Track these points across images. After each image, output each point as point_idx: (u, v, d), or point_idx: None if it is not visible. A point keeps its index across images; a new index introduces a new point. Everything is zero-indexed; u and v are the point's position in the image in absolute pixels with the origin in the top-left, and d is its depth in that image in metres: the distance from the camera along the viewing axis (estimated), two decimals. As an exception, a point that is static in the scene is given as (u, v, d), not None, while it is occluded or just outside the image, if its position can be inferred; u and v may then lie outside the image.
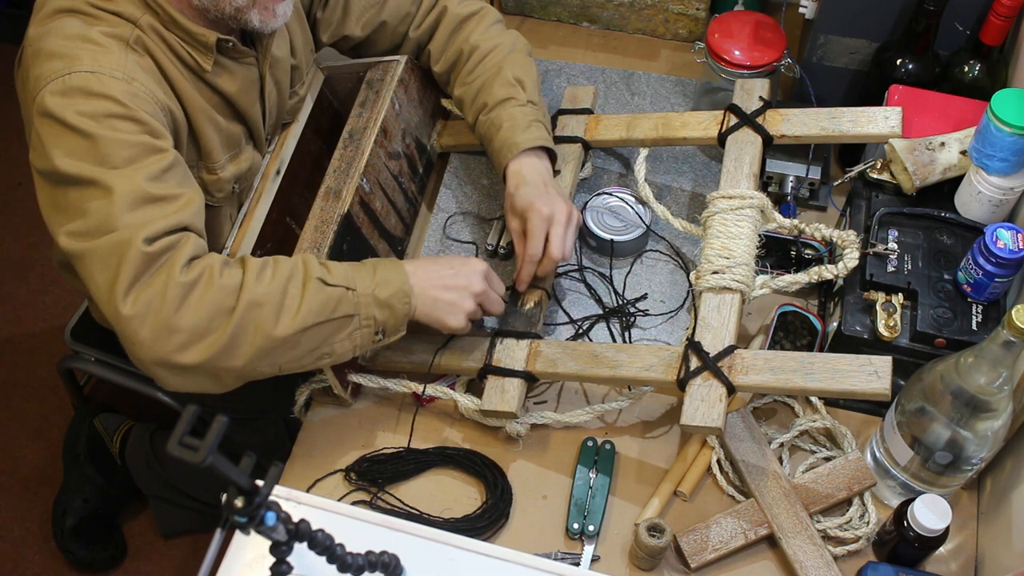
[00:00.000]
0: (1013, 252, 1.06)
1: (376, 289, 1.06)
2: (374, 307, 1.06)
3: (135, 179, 0.97)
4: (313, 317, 1.02)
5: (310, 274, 1.03)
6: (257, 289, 0.99)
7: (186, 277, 0.97)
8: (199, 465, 0.61)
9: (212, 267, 0.99)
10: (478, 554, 0.82)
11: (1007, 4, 1.19)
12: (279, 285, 1.01)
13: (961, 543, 1.13)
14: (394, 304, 1.08)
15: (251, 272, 1.01)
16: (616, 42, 1.65)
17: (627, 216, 1.34)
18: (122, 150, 0.98)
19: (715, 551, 1.10)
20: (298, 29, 1.29)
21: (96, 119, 0.98)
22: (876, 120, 1.21)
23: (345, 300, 1.04)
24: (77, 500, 1.83)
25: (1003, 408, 1.00)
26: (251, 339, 0.99)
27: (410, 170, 1.39)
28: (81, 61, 0.99)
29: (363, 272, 1.07)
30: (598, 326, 1.28)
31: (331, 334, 1.04)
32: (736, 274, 1.13)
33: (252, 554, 0.82)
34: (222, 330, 0.98)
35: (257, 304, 0.99)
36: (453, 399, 1.20)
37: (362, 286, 1.06)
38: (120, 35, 1.03)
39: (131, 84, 1.01)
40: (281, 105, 1.29)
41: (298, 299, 1.01)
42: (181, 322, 0.96)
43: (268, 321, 0.99)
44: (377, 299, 1.06)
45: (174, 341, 0.96)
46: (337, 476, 1.21)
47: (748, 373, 1.05)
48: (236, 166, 1.20)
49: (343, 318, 1.04)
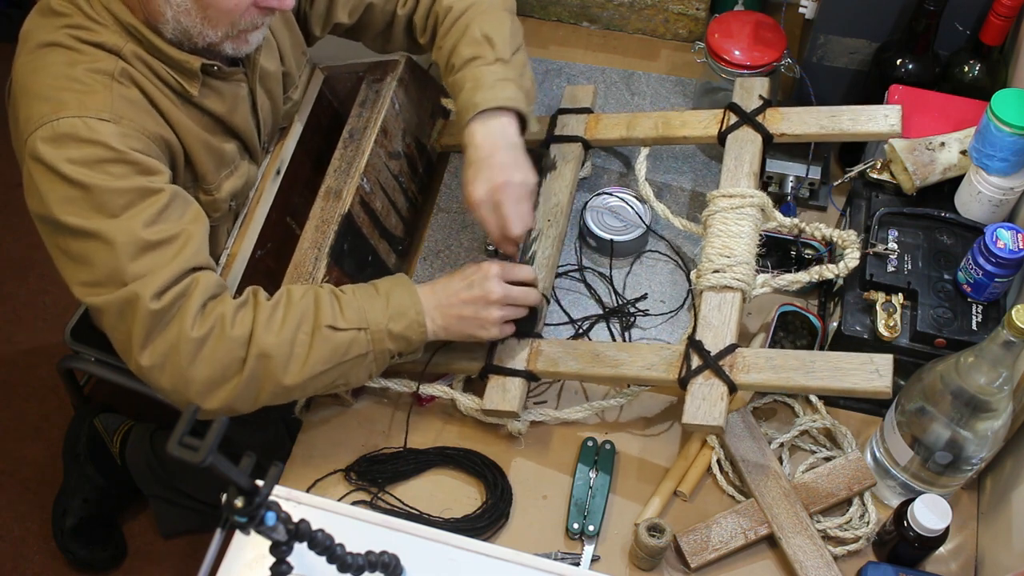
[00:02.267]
0: (1013, 252, 1.06)
1: (390, 323, 1.07)
2: (388, 341, 1.07)
3: (134, 228, 0.98)
4: (323, 365, 1.04)
5: (320, 321, 1.04)
6: (266, 339, 1.01)
7: (198, 332, 0.99)
8: (199, 465, 0.61)
9: (224, 317, 1.01)
10: (478, 554, 0.82)
11: (1007, 4, 1.19)
12: (288, 335, 1.02)
13: (961, 543, 1.13)
14: (409, 336, 1.08)
15: (261, 318, 1.02)
16: (616, 42, 1.65)
17: (627, 216, 1.34)
18: (118, 198, 0.99)
19: (715, 551, 1.10)
20: (285, 34, 1.27)
21: (89, 166, 0.99)
22: (876, 118, 1.21)
23: (357, 342, 1.05)
24: (77, 500, 1.83)
25: (1003, 408, 1.00)
26: (263, 387, 1.03)
27: (410, 170, 1.39)
28: (68, 106, 1.00)
29: (377, 304, 1.07)
30: (598, 326, 1.28)
31: (347, 372, 1.07)
32: (737, 272, 1.13)
33: (252, 554, 0.82)
34: (236, 380, 1.02)
35: (266, 356, 1.01)
36: (453, 398, 1.20)
37: (375, 322, 1.06)
38: (104, 70, 1.03)
39: (119, 124, 1.01)
40: (275, 114, 1.28)
41: (307, 348, 1.03)
42: (196, 375, 1.00)
43: (278, 371, 1.02)
44: (391, 333, 1.07)
45: (193, 390, 1.01)
46: (337, 476, 1.21)
47: (749, 371, 1.05)
48: (232, 184, 1.19)
49: (357, 358, 1.06)
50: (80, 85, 1.01)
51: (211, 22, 1.05)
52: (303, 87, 1.35)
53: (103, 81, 1.02)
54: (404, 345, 1.09)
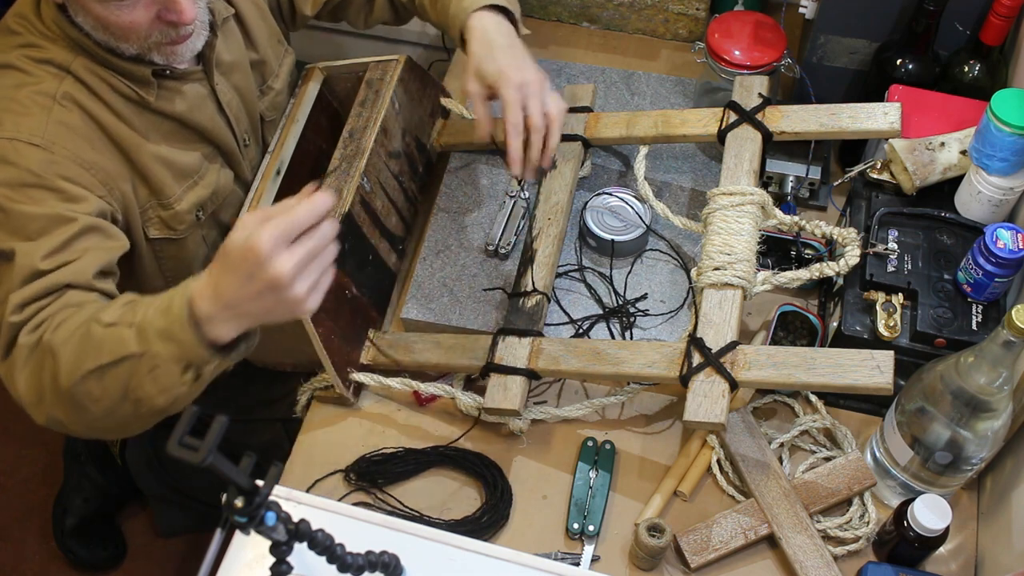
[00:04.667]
0: (1013, 252, 1.06)
1: (156, 319, 0.92)
2: (157, 341, 0.92)
3: (35, 255, 0.99)
4: (91, 361, 0.93)
5: (94, 317, 0.96)
6: (58, 341, 0.95)
7: (26, 340, 0.98)
8: (199, 465, 0.61)
9: (51, 321, 0.97)
10: (478, 554, 0.82)
11: (1007, 4, 1.19)
12: (73, 333, 0.95)
13: (961, 543, 1.14)
14: (176, 334, 0.90)
15: (69, 320, 0.97)
16: (616, 42, 1.65)
17: (627, 216, 1.34)
18: (32, 223, 1.00)
19: (715, 551, 1.10)
20: (259, 22, 1.27)
21: (11, 188, 1.00)
22: (875, 116, 1.21)
23: (124, 339, 0.93)
24: (77, 500, 1.83)
25: (1003, 408, 1.00)
26: (53, 390, 0.96)
27: (410, 169, 1.39)
28: (3, 126, 1.02)
29: (156, 301, 0.94)
30: (598, 326, 1.28)
31: (126, 378, 0.94)
32: (737, 270, 1.13)
33: (252, 554, 0.82)
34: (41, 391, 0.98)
35: (51, 353, 0.95)
36: (454, 397, 1.20)
37: (143, 318, 0.93)
38: (47, 92, 1.04)
39: (50, 150, 1.02)
40: (250, 108, 1.27)
41: (76, 347, 0.95)
42: (20, 387, 0.99)
43: (56, 371, 0.95)
44: (157, 331, 0.91)
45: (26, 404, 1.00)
46: (337, 476, 1.20)
47: (750, 369, 1.05)
48: (196, 195, 1.18)
49: (128, 358, 0.93)
50: (19, 107, 1.03)
51: (121, 39, 1.05)
52: (285, 77, 1.35)
53: (43, 103, 1.04)
54: (177, 349, 0.91)
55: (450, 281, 1.31)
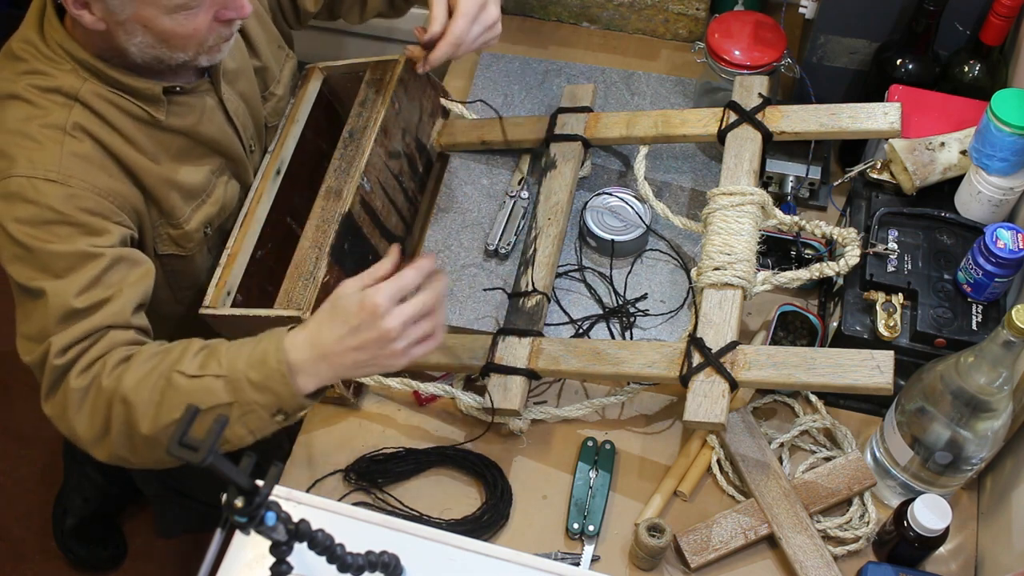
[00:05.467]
0: (1013, 252, 1.06)
1: (249, 371, 0.97)
2: (250, 391, 0.97)
3: (68, 293, 1.00)
4: (175, 412, 0.97)
5: (172, 367, 0.99)
6: (127, 385, 0.98)
7: (79, 383, 1.00)
8: (199, 465, 0.61)
9: (105, 366, 1.00)
10: (478, 554, 0.82)
11: (1007, 4, 1.19)
12: (148, 382, 0.99)
13: (961, 543, 1.14)
14: (272, 387, 0.97)
15: (134, 365, 1.00)
16: (616, 42, 1.65)
17: (627, 216, 1.34)
18: (59, 260, 1.01)
19: (715, 551, 1.10)
20: (258, 29, 1.28)
21: (34, 227, 1.01)
22: (875, 116, 1.21)
23: (214, 390, 0.97)
24: (77, 500, 1.83)
25: (1003, 408, 1.00)
26: (128, 436, 1.01)
27: (410, 169, 1.39)
28: (18, 163, 1.02)
29: (243, 351, 0.99)
30: (598, 326, 1.28)
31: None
32: (738, 270, 1.13)
33: (252, 554, 0.82)
34: (111, 429, 1.01)
35: (125, 402, 0.99)
36: (454, 397, 1.20)
37: (234, 369, 0.97)
38: (57, 124, 1.04)
39: (67, 184, 1.02)
40: (255, 114, 1.28)
41: (158, 395, 0.98)
42: (78, 427, 1.02)
43: (136, 420, 0.99)
44: (251, 382, 0.97)
45: (82, 441, 1.03)
46: (337, 476, 1.21)
47: (750, 368, 1.05)
48: (204, 213, 1.19)
49: (218, 407, 0.97)
50: (31, 143, 1.03)
51: (178, 48, 1.05)
52: (286, 82, 1.35)
53: (54, 137, 1.03)
54: (272, 399, 0.97)
55: (450, 281, 1.31)
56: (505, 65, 1.57)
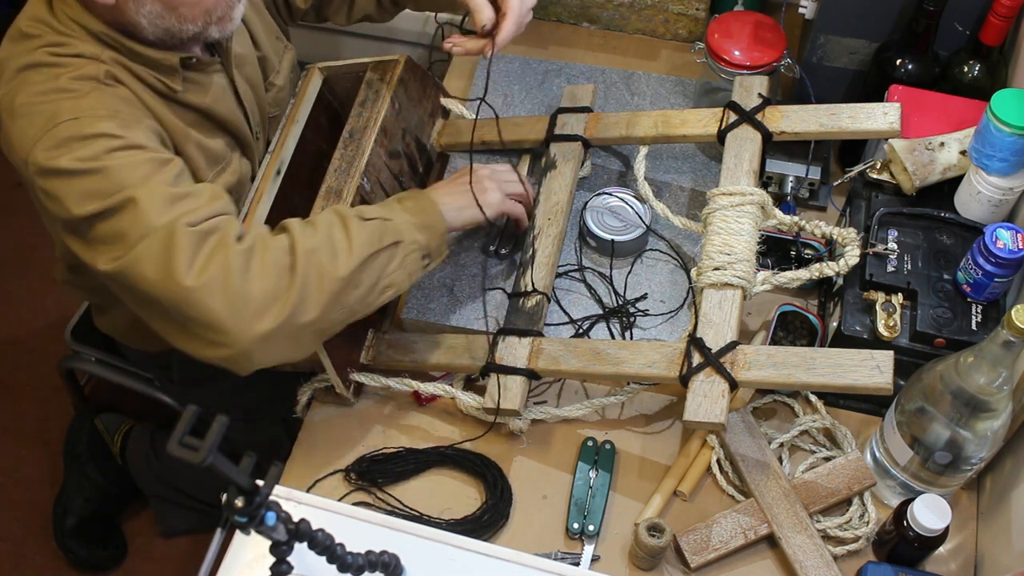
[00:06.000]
0: (1013, 252, 1.06)
1: (410, 215, 1.11)
2: (415, 231, 1.10)
3: (157, 187, 0.97)
4: (366, 249, 1.04)
5: (347, 214, 1.07)
6: (309, 241, 1.01)
7: (243, 245, 0.98)
8: (199, 465, 0.61)
9: (262, 234, 1.02)
10: (478, 554, 0.83)
11: (1007, 4, 1.20)
12: (324, 233, 1.03)
13: (961, 543, 1.14)
14: (431, 224, 1.12)
15: (296, 230, 1.03)
16: (616, 42, 1.65)
17: (627, 216, 1.34)
18: (135, 170, 0.98)
19: (715, 551, 1.10)
20: (256, 19, 1.29)
21: (99, 158, 0.97)
22: (875, 116, 1.21)
23: (387, 229, 1.07)
24: (78, 500, 1.83)
25: (1003, 408, 1.00)
26: (319, 286, 0.99)
27: (410, 169, 1.39)
28: (62, 112, 0.98)
29: (392, 205, 1.13)
30: (598, 326, 1.28)
31: (385, 264, 1.06)
32: (737, 270, 1.13)
33: (252, 554, 0.83)
34: (291, 286, 0.98)
35: (313, 251, 1.01)
36: (453, 397, 1.20)
37: (396, 215, 1.10)
38: (89, 75, 1.02)
39: (118, 117, 1.01)
40: (260, 101, 1.29)
41: (346, 238, 1.04)
42: (251, 288, 0.96)
43: (328, 265, 1.01)
44: (415, 223, 1.10)
45: (250, 307, 0.96)
46: (337, 476, 1.21)
47: (750, 368, 1.05)
48: (225, 180, 1.20)
49: (391, 246, 1.07)
50: (70, 93, 1.00)
51: (187, 19, 1.06)
52: (286, 74, 1.36)
53: (91, 84, 1.02)
54: (429, 237, 1.11)
55: (450, 281, 1.31)
56: (505, 65, 1.57)
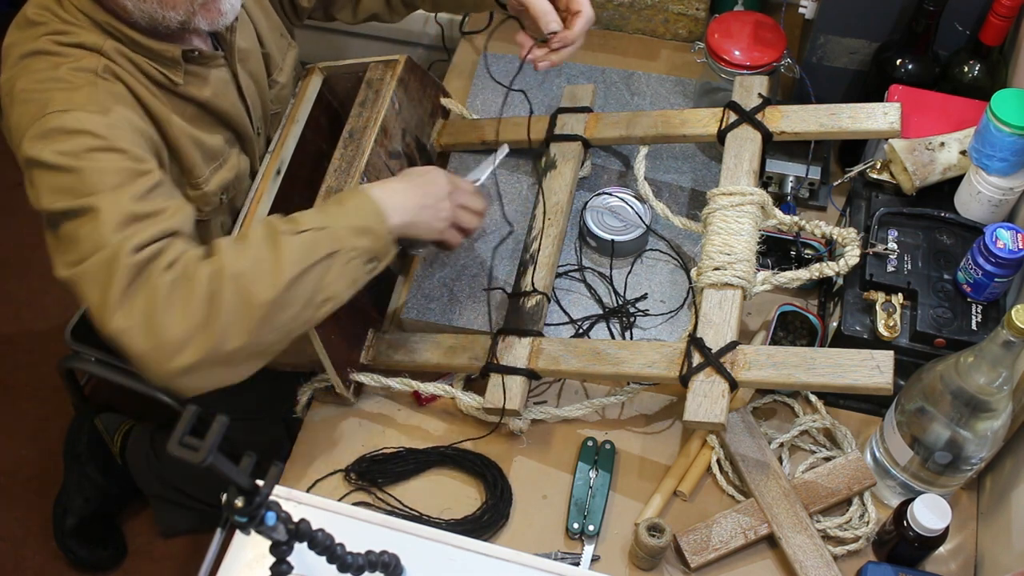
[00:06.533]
0: (1013, 252, 1.06)
1: (347, 219, 1.05)
2: (353, 237, 1.05)
3: (121, 201, 0.98)
4: (295, 267, 1.00)
5: (278, 229, 1.02)
6: (235, 264, 0.98)
7: (171, 275, 0.97)
8: (199, 465, 0.61)
9: (192, 259, 0.98)
10: (478, 554, 0.83)
11: (1007, 4, 1.20)
12: (253, 254, 1.00)
13: (961, 543, 1.14)
14: (372, 227, 1.06)
15: (224, 253, 0.99)
16: (616, 42, 1.65)
17: (627, 216, 1.34)
18: (107, 177, 0.99)
19: (715, 551, 1.10)
20: (261, 16, 1.29)
21: (77, 156, 0.99)
22: (875, 116, 1.21)
23: (320, 240, 1.03)
24: (78, 500, 1.83)
25: (1003, 408, 1.00)
26: (244, 313, 0.97)
27: (410, 170, 1.39)
28: (53, 102, 1.00)
29: (330, 208, 1.07)
30: (598, 326, 1.28)
31: (320, 277, 1.02)
32: (737, 270, 1.13)
33: (252, 554, 0.83)
34: (214, 316, 0.96)
35: (238, 276, 0.97)
36: (453, 397, 1.20)
37: (333, 220, 1.05)
38: (88, 67, 1.03)
39: (107, 115, 1.01)
40: (263, 96, 1.29)
41: (272, 255, 1.00)
42: (172, 324, 0.95)
43: (253, 290, 0.98)
44: (354, 228, 1.05)
45: (170, 346, 0.95)
46: (337, 476, 1.21)
47: (750, 368, 1.05)
48: (221, 177, 1.20)
49: (326, 258, 1.02)
50: (64, 84, 1.02)
51: (168, 5, 1.05)
52: (289, 71, 1.36)
53: (87, 78, 1.03)
54: (371, 241, 1.06)
55: (450, 281, 1.31)
56: (505, 65, 1.57)
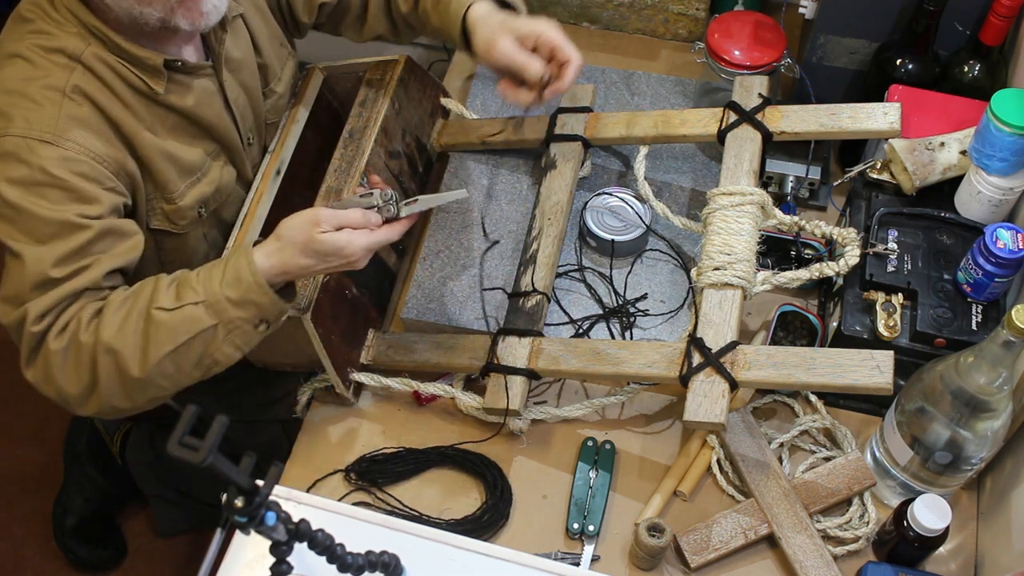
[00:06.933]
0: (1013, 252, 1.06)
1: (225, 290, 1.02)
2: (232, 309, 1.03)
3: (45, 261, 1.01)
4: (167, 345, 1.02)
5: (150, 305, 1.02)
6: (109, 339, 1.01)
7: (58, 345, 1.02)
8: (199, 465, 0.61)
9: (80, 324, 1.02)
10: (478, 554, 0.83)
11: (1007, 4, 1.19)
12: (129, 327, 1.02)
13: (961, 543, 1.14)
14: (252, 298, 1.03)
15: (107, 317, 1.02)
16: (616, 42, 1.65)
17: (627, 216, 1.34)
18: (44, 227, 1.02)
19: (715, 551, 1.10)
20: (261, 25, 1.28)
21: (25, 188, 1.01)
22: (875, 116, 1.21)
23: (196, 317, 1.02)
24: (78, 500, 1.83)
25: (1003, 408, 1.00)
26: (119, 383, 1.03)
27: (410, 169, 1.39)
28: (14, 123, 1.02)
29: (215, 274, 1.04)
30: (598, 326, 1.28)
31: (204, 346, 1.03)
32: (737, 270, 1.13)
33: (252, 554, 0.83)
34: (97, 383, 1.03)
35: (111, 351, 1.02)
36: (453, 397, 1.20)
37: (211, 293, 1.03)
38: (56, 86, 1.04)
39: (62, 146, 1.03)
40: (255, 107, 1.27)
41: (142, 336, 1.02)
42: (65, 386, 1.04)
43: (124, 365, 1.02)
44: (231, 301, 1.02)
45: (71, 400, 1.04)
46: (337, 476, 1.21)
47: (750, 368, 1.05)
48: (199, 191, 1.19)
49: (203, 332, 1.02)
50: (29, 103, 1.03)
51: (144, 2, 1.04)
52: (287, 81, 1.35)
53: (53, 99, 1.04)
54: (255, 311, 1.03)
55: (450, 281, 1.31)
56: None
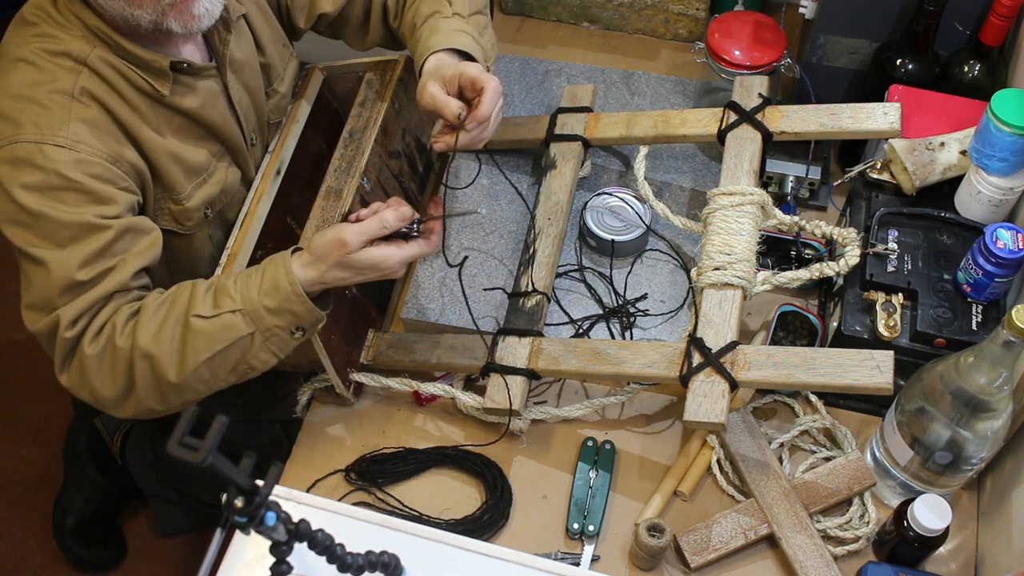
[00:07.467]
0: (1013, 252, 1.06)
1: (263, 299, 1.03)
2: (269, 317, 1.04)
3: (70, 265, 1.02)
4: (202, 354, 1.03)
5: (188, 312, 1.03)
6: (146, 340, 1.03)
7: (93, 350, 1.03)
8: (199, 465, 0.61)
9: (115, 328, 1.03)
10: (478, 554, 0.82)
11: (1007, 4, 1.19)
12: (166, 332, 1.03)
13: (961, 543, 1.14)
14: (289, 307, 1.04)
15: (143, 322, 1.03)
16: (616, 42, 1.65)
17: (627, 216, 1.34)
18: (64, 230, 1.02)
19: (715, 551, 1.10)
20: (264, 25, 1.28)
21: (42, 193, 1.01)
22: (875, 116, 1.21)
23: (234, 325, 1.03)
24: (78, 500, 1.83)
25: (1003, 408, 1.00)
26: (156, 387, 1.05)
27: (410, 169, 1.39)
28: (25, 128, 1.02)
29: (252, 282, 1.05)
30: (598, 326, 1.28)
31: (241, 353, 1.05)
32: (737, 270, 1.13)
33: (252, 554, 0.82)
34: (133, 387, 1.05)
35: (149, 356, 1.03)
36: (453, 397, 1.20)
37: (249, 301, 1.03)
38: (64, 90, 1.04)
39: (75, 149, 1.02)
40: (258, 108, 1.28)
41: (180, 342, 1.03)
42: (102, 390, 1.05)
43: (161, 370, 1.03)
44: (268, 309, 1.03)
45: (107, 403, 1.06)
46: (337, 476, 1.21)
47: (750, 368, 1.05)
48: (205, 192, 1.19)
49: (240, 340, 1.04)
50: (38, 107, 1.03)
51: (134, 4, 1.03)
52: (289, 81, 1.35)
53: (62, 102, 1.03)
54: (291, 319, 1.04)
55: (450, 281, 1.31)
56: (505, 65, 1.57)
